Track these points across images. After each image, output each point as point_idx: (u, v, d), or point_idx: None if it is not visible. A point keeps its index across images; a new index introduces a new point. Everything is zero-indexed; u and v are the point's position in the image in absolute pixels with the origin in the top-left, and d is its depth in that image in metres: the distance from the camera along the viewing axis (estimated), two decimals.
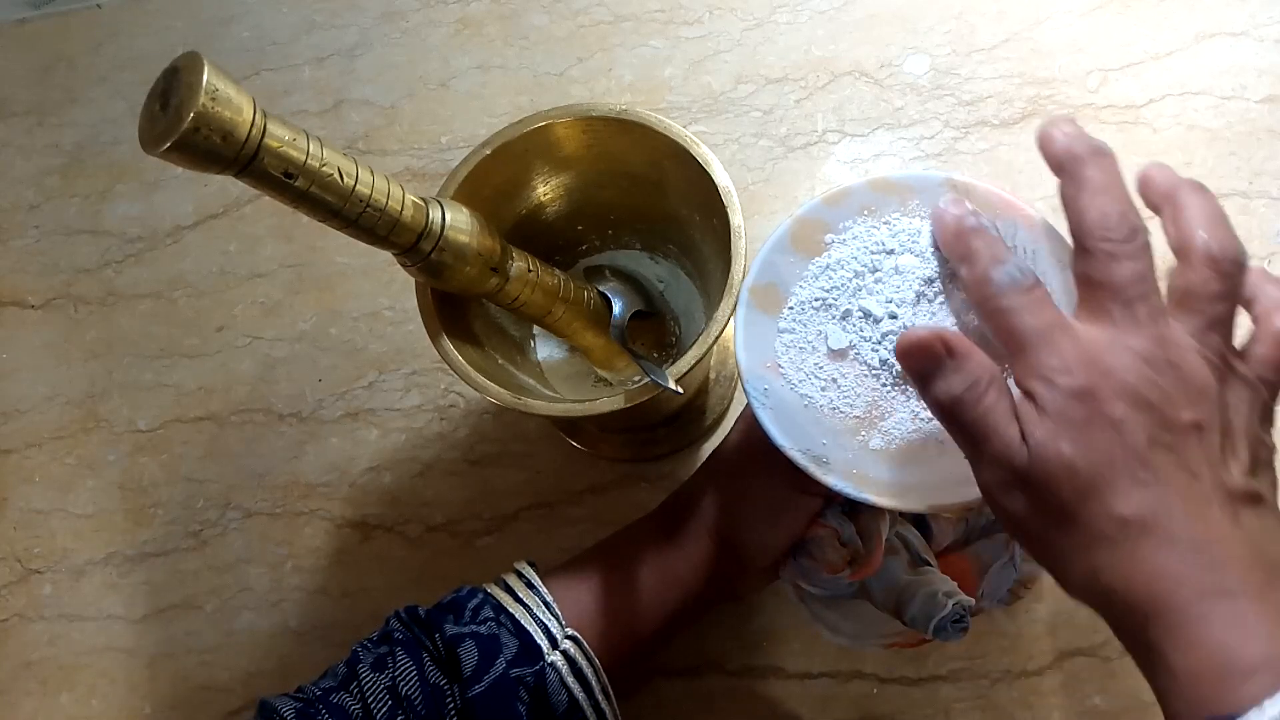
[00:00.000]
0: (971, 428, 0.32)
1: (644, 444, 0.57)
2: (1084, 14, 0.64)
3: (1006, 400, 0.32)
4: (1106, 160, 0.33)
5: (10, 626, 0.58)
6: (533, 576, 0.45)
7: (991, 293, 0.33)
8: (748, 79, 0.65)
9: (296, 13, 0.71)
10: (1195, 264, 0.32)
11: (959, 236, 0.35)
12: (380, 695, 0.40)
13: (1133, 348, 0.31)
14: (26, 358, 0.64)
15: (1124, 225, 0.32)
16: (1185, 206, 0.33)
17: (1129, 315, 0.31)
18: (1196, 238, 0.32)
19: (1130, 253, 0.31)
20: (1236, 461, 0.31)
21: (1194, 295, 0.32)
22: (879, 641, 0.45)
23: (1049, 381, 0.31)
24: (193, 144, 0.30)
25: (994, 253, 0.34)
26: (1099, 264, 0.32)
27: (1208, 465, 0.30)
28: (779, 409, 0.39)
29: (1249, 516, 0.30)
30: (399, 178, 0.51)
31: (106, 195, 0.68)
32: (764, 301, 0.40)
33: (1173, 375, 0.31)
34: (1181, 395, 0.30)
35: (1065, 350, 0.31)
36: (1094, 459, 0.30)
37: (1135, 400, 0.30)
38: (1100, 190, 0.32)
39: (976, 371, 0.32)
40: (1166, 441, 0.30)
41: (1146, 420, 0.30)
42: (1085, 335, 0.32)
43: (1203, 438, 0.30)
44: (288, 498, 0.59)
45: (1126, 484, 0.30)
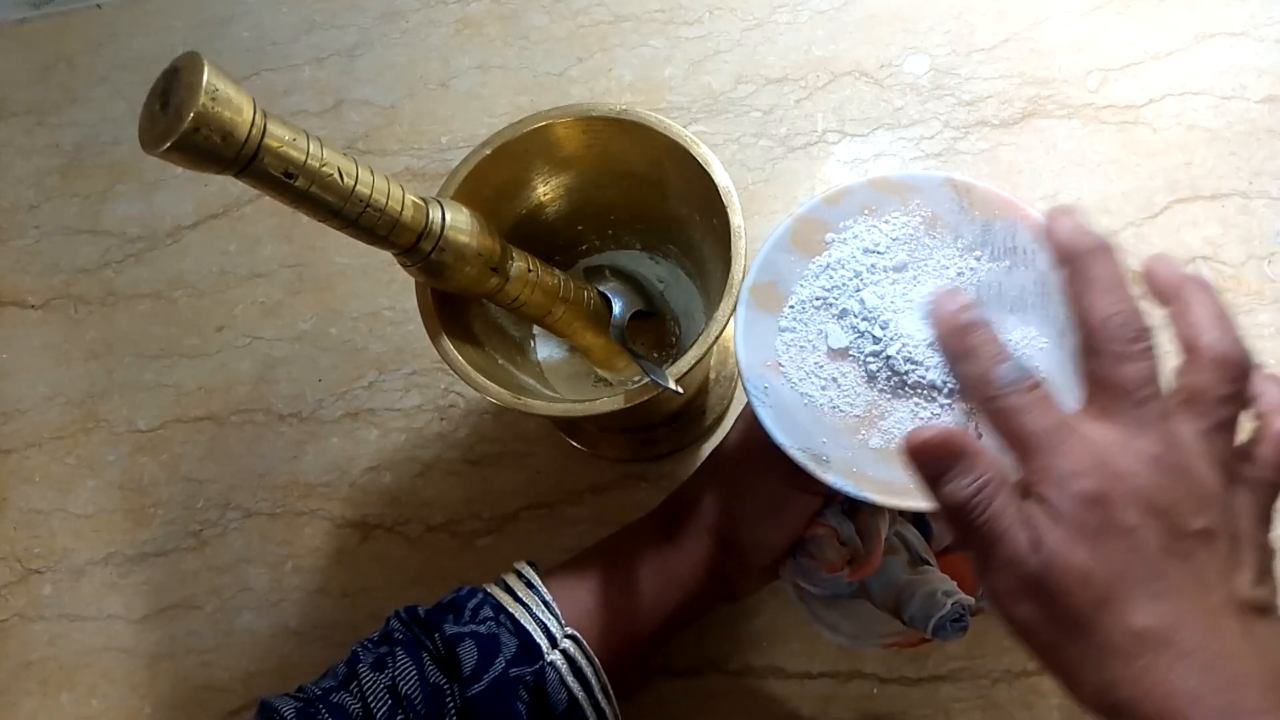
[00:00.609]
0: (981, 531, 0.32)
1: (644, 444, 0.57)
2: (1084, 14, 0.64)
3: (1015, 505, 0.32)
4: (1110, 256, 0.33)
5: (10, 626, 0.58)
6: (532, 576, 0.45)
7: (995, 393, 0.32)
8: (748, 79, 0.65)
9: (296, 13, 0.71)
10: (1203, 366, 0.32)
11: (956, 333, 0.34)
12: (380, 695, 0.40)
13: (1143, 451, 0.31)
14: (26, 358, 0.64)
15: (1131, 325, 0.32)
16: (1192, 304, 0.33)
17: (1138, 416, 0.31)
18: (1204, 337, 0.32)
19: (1138, 354, 0.31)
20: (1244, 571, 0.31)
21: (1201, 397, 0.32)
22: (878, 641, 0.45)
23: (1060, 486, 0.31)
24: (193, 144, 0.30)
25: (994, 350, 0.33)
26: (1107, 364, 0.32)
27: (1218, 575, 0.30)
28: (779, 407, 0.39)
29: (1261, 628, 0.30)
30: (399, 178, 0.51)
31: (106, 195, 0.68)
32: (765, 300, 0.40)
33: (1182, 480, 0.30)
34: (1191, 501, 0.30)
35: (1076, 453, 0.31)
36: (1109, 568, 0.30)
37: (1148, 507, 0.30)
38: (1106, 289, 0.32)
39: (987, 471, 0.32)
40: (1180, 549, 0.30)
41: (1160, 527, 0.30)
42: (1094, 436, 0.31)
43: (1213, 546, 0.30)
44: (288, 498, 0.59)
45: (1142, 595, 0.29)
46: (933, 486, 0.33)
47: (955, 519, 0.33)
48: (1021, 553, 0.31)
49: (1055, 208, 0.35)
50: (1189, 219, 0.59)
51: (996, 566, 0.32)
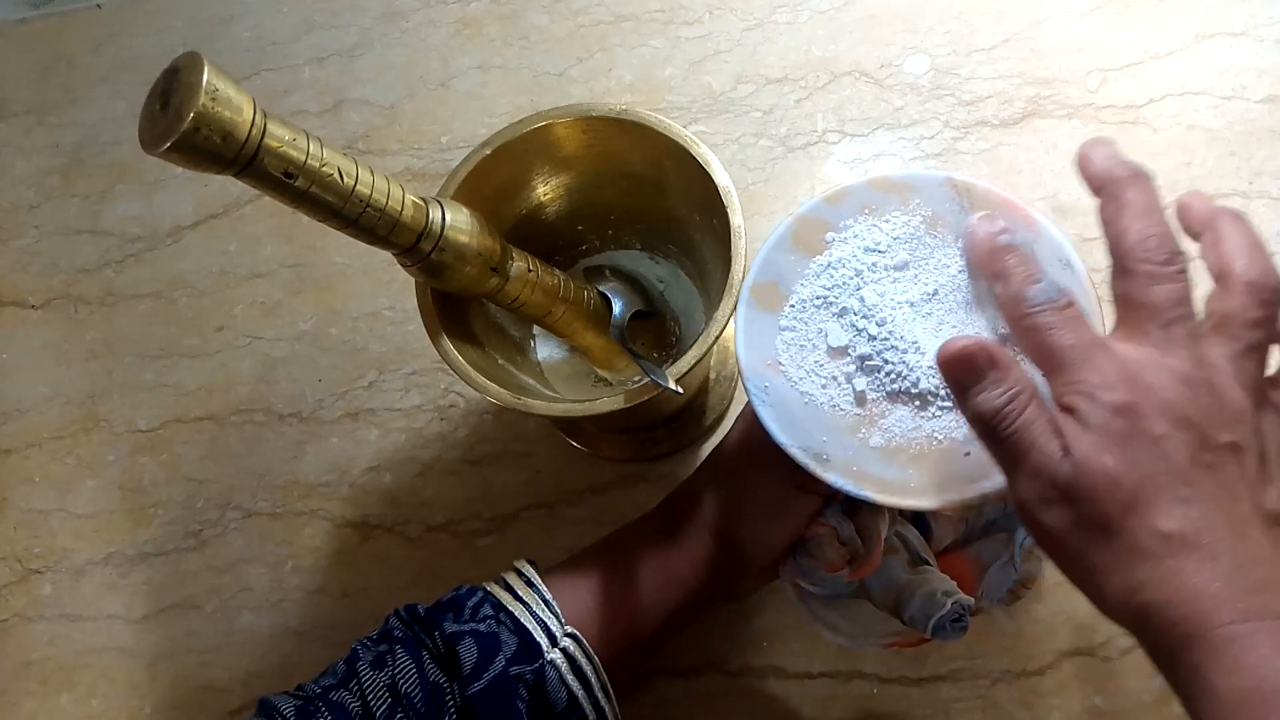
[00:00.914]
0: (1011, 439, 0.32)
1: (644, 444, 0.57)
2: (1084, 14, 0.64)
3: (1047, 414, 0.32)
4: (1146, 183, 0.34)
5: (10, 626, 0.58)
6: (532, 575, 0.45)
7: (1027, 310, 0.33)
8: (748, 79, 0.65)
9: (296, 13, 0.71)
10: (1235, 290, 0.32)
11: (993, 254, 0.35)
12: (380, 693, 0.40)
13: (1172, 367, 0.31)
14: (26, 358, 0.64)
15: (1165, 248, 0.32)
16: (1225, 233, 0.33)
17: (1167, 336, 0.32)
18: (1237, 264, 0.33)
19: (1170, 275, 0.32)
20: (1273, 486, 0.31)
21: (1232, 321, 0.32)
22: (878, 641, 0.45)
23: (1090, 397, 0.31)
24: (193, 144, 0.30)
25: (1028, 270, 0.34)
26: (1139, 284, 0.32)
27: (1246, 487, 0.30)
28: (779, 407, 0.39)
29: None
30: (399, 178, 0.51)
31: (106, 195, 0.68)
32: (765, 300, 0.40)
33: (1211, 397, 0.31)
34: (1220, 417, 0.31)
35: (1105, 367, 0.31)
36: (1138, 473, 0.30)
37: (1176, 418, 0.30)
38: (1141, 213, 0.33)
39: (1019, 383, 0.32)
40: (1207, 460, 0.30)
41: (1188, 438, 0.30)
42: (1124, 353, 0.32)
43: (1241, 460, 0.31)
44: (288, 498, 0.59)
45: (1169, 499, 0.30)
46: (963, 396, 0.33)
47: (985, 429, 0.33)
48: (1051, 460, 0.31)
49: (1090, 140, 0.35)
50: None
51: (1026, 474, 0.32)
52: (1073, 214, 0.59)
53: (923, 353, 0.38)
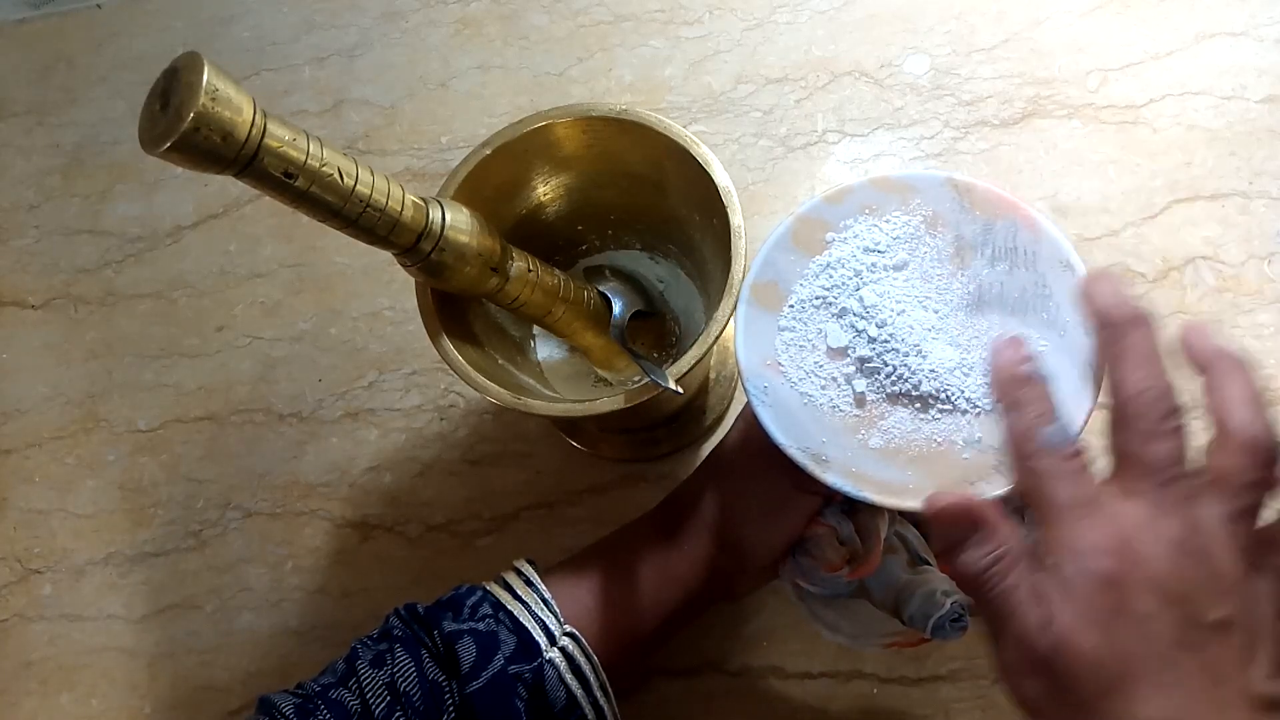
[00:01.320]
0: (995, 604, 0.32)
1: (644, 444, 0.57)
2: (1084, 14, 0.64)
3: (1029, 579, 0.32)
4: (1148, 328, 0.33)
5: (10, 626, 0.58)
6: (531, 574, 0.45)
7: (1033, 450, 0.33)
8: (748, 79, 0.65)
9: (296, 13, 0.71)
10: (1232, 449, 0.31)
11: (1012, 382, 0.35)
12: (379, 691, 0.40)
13: (1165, 534, 0.30)
14: (26, 358, 0.64)
15: (1162, 403, 0.32)
16: (1225, 381, 0.33)
17: (1162, 497, 0.31)
18: (1234, 419, 0.32)
19: (1167, 433, 0.31)
20: (1259, 665, 0.30)
21: (1228, 481, 0.31)
22: (878, 641, 0.45)
23: (1077, 562, 0.31)
24: (193, 144, 0.30)
25: (1042, 408, 0.33)
26: (1136, 440, 0.32)
27: (1232, 668, 0.30)
28: (778, 407, 0.39)
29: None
30: (399, 178, 0.51)
31: (106, 195, 0.68)
32: (765, 299, 0.40)
33: (1204, 566, 0.30)
34: (1210, 589, 0.30)
35: (1097, 529, 0.31)
36: (1119, 655, 0.30)
37: (1165, 594, 0.30)
38: (1142, 362, 0.32)
39: (1005, 543, 0.32)
40: (1194, 640, 0.29)
41: (1175, 617, 0.30)
42: (1117, 513, 0.31)
43: (1229, 637, 0.30)
44: (288, 498, 0.59)
45: (1150, 686, 0.29)
46: (947, 552, 0.33)
47: (969, 589, 0.33)
48: (1032, 630, 0.31)
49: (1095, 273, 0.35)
50: (1189, 219, 0.59)
51: (1007, 641, 0.32)
52: (1072, 214, 0.59)
53: (924, 355, 0.38)
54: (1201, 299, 0.57)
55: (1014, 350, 0.36)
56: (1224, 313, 0.56)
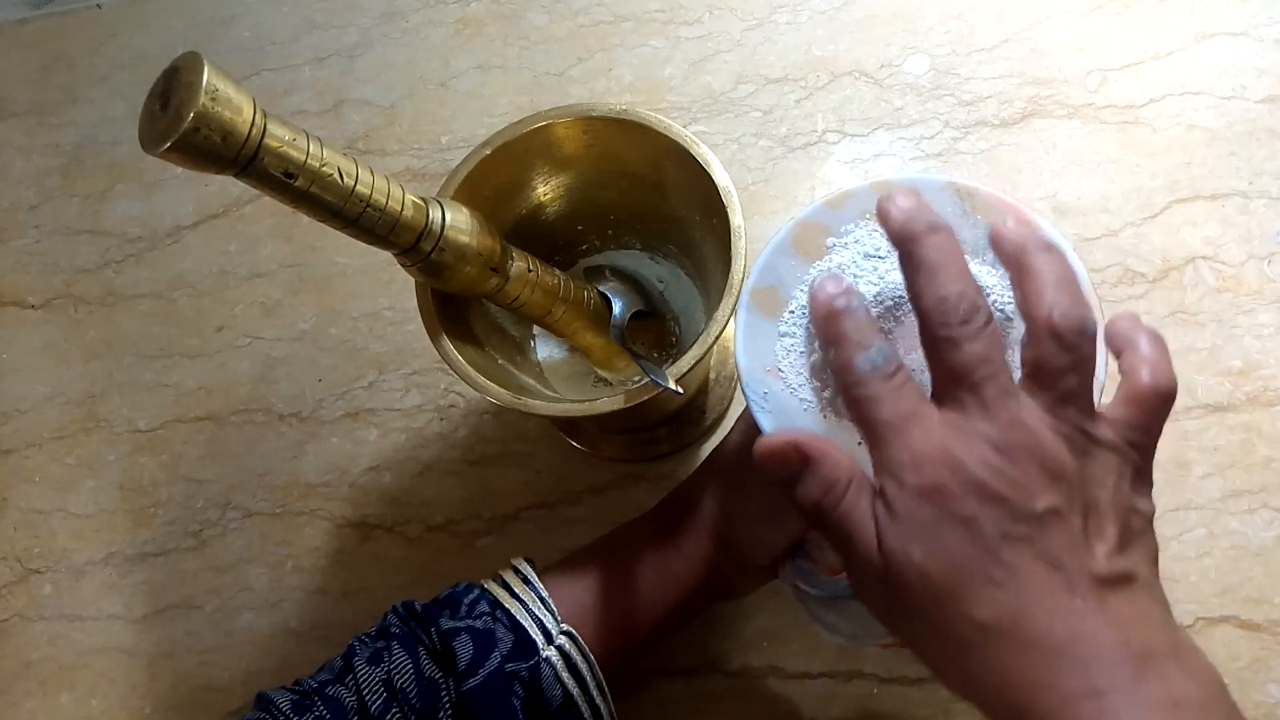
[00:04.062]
0: (834, 533, 0.32)
1: (644, 444, 0.57)
2: (1084, 14, 0.64)
3: (866, 500, 0.32)
4: (940, 236, 0.32)
5: (10, 626, 0.58)
6: (529, 573, 0.45)
7: (852, 379, 0.32)
8: (748, 79, 0.65)
9: (296, 13, 0.71)
10: (1040, 337, 0.31)
11: (829, 319, 0.34)
12: (376, 688, 0.40)
13: (982, 434, 0.30)
14: (26, 358, 0.64)
15: (961, 305, 0.31)
16: (1031, 271, 0.32)
17: (977, 400, 0.30)
18: (1040, 308, 0.31)
19: (969, 334, 0.31)
20: (1102, 542, 0.30)
21: (1042, 370, 0.31)
22: (877, 641, 0.45)
23: (898, 480, 0.31)
24: (193, 144, 0.30)
25: (859, 337, 0.33)
26: (942, 350, 0.31)
27: (1069, 552, 0.29)
28: (778, 413, 0.38)
29: (1118, 601, 0.29)
30: (399, 178, 0.51)
31: (106, 195, 0.68)
32: (765, 305, 0.40)
33: (1025, 459, 0.30)
34: (1036, 481, 0.30)
35: (915, 444, 0.31)
36: (946, 562, 0.29)
37: (985, 494, 0.29)
38: (935, 270, 0.32)
39: (831, 475, 0.32)
40: (1021, 534, 0.29)
41: (998, 514, 0.29)
42: (936, 425, 0.31)
43: (1062, 523, 0.29)
44: (288, 498, 0.59)
45: (981, 586, 0.29)
46: (788, 491, 0.33)
47: (812, 522, 0.33)
48: (868, 551, 0.31)
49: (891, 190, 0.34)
50: (1189, 219, 0.59)
51: (851, 566, 0.32)
52: (1073, 214, 0.59)
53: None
54: (1201, 299, 0.57)
55: (831, 285, 0.34)
56: (1224, 313, 0.56)
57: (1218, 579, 0.52)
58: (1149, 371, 0.32)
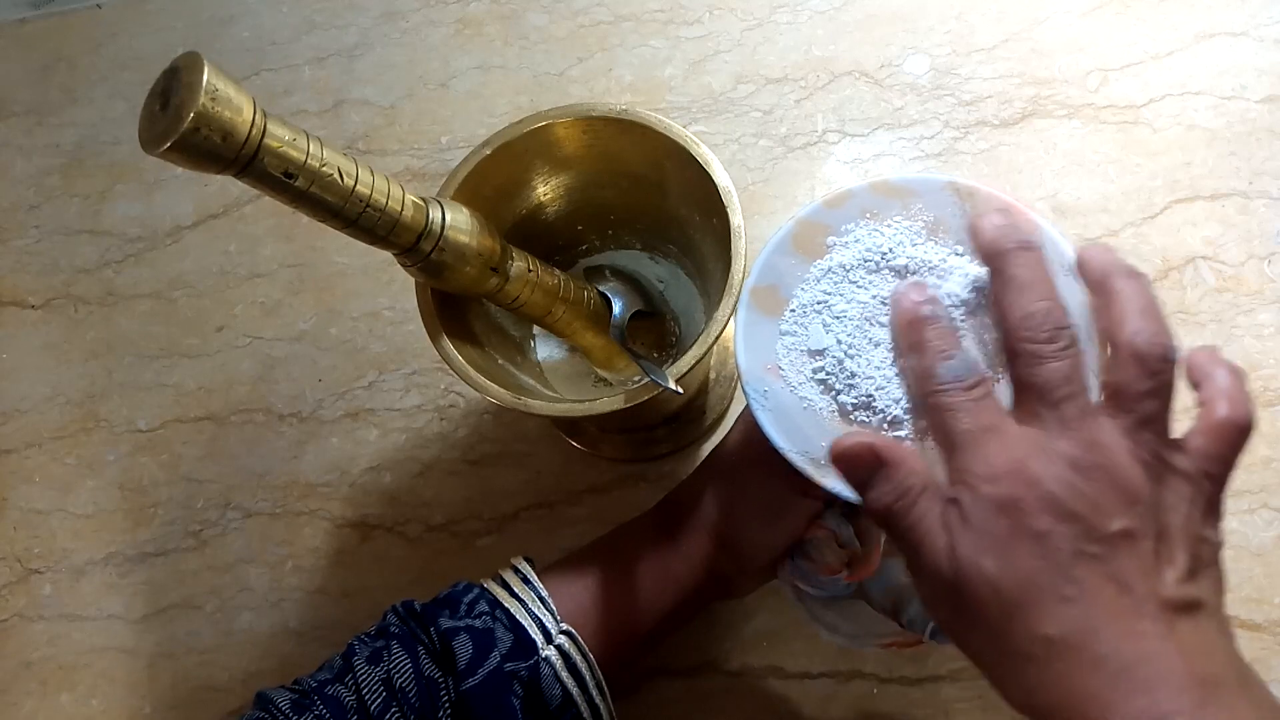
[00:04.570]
0: (904, 538, 0.32)
1: (644, 444, 0.57)
2: (1084, 14, 0.64)
3: (938, 508, 0.32)
4: (1031, 255, 0.33)
5: (10, 626, 0.58)
6: (529, 572, 0.45)
7: (934, 388, 0.33)
8: (748, 79, 0.65)
9: (296, 13, 0.71)
10: (1123, 360, 0.31)
11: (912, 325, 0.35)
12: (375, 687, 0.40)
13: (1061, 452, 0.30)
14: (26, 358, 0.64)
15: (1047, 324, 0.32)
16: (1117, 296, 0.32)
17: (1057, 417, 0.31)
18: (1125, 331, 0.32)
19: (1054, 352, 0.31)
20: (1172, 568, 0.30)
21: (1123, 394, 0.31)
22: (877, 642, 0.45)
23: (974, 490, 0.31)
24: (193, 144, 0.30)
25: (942, 345, 0.33)
26: (1025, 366, 0.32)
27: (1140, 575, 0.29)
28: (778, 411, 0.38)
29: (1185, 628, 0.29)
30: (399, 178, 0.51)
31: (106, 195, 0.68)
32: (765, 303, 0.40)
33: (1102, 480, 0.30)
34: (1111, 502, 0.30)
35: (993, 456, 0.31)
36: (1018, 576, 0.30)
37: (1060, 511, 0.30)
38: (1023, 288, 0.32)
39: (907, 481, 0.32)
40: (1094, 553, 0.29)
41: (1072, 532, 0.30)
42: (1015, 440, 0.31)
43: (1134, 546, 0.30)
44: (288, 498, 0.59)
45: (1051, 602, 0.29)
46: (860, 493, 0.34)
47: (882, 525, 0.33)
48: (939, 560, 0.31)
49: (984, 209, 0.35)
50: (1189, 219, 0.59)
51: (919, 573, 0.32)
52: (1073, 214, 0.59)
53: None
54: (1201, 299, 0.57)
55: (915, 293, 0.35)
56: (1224, 313, 0.56)
57: None
58: (1227, 404, 0.32)
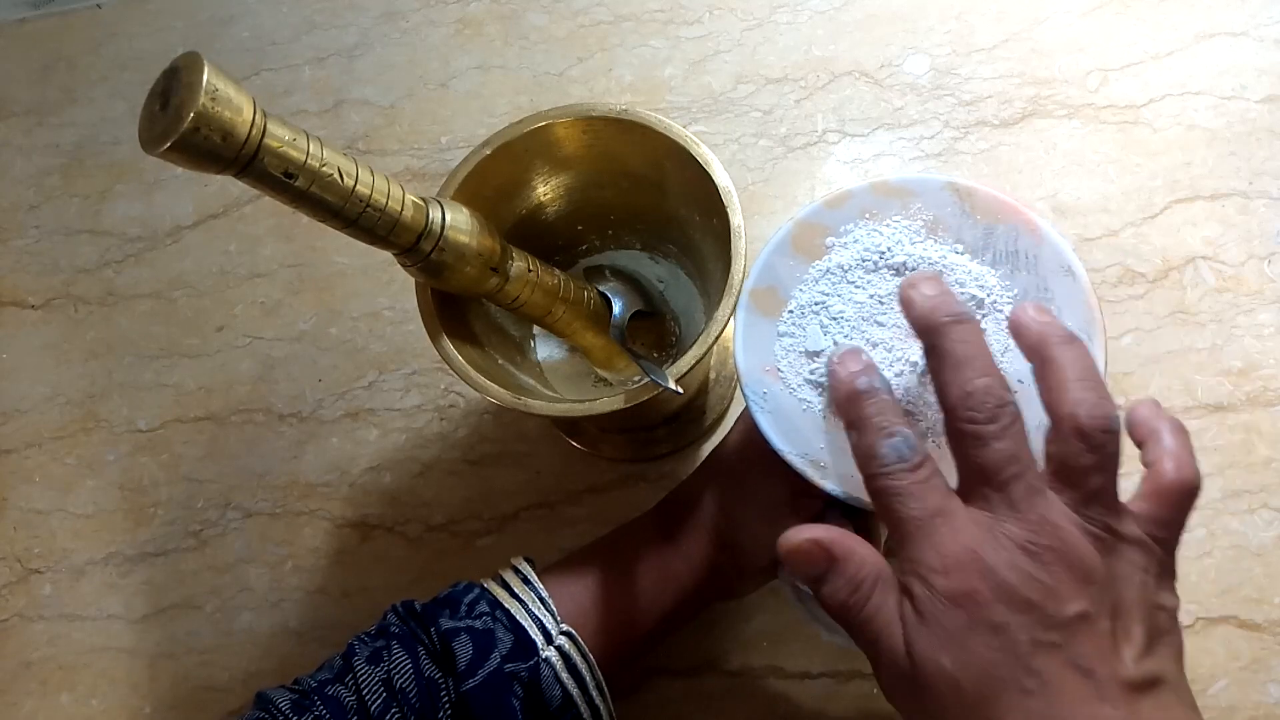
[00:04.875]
0: (859, 633, 0.32)
1: (644, 444, 0.57)
2: (1084, 14, 0.64)
3: (894, 599, 0.31)
4: (967, 327, 0.32)
5: (10, 626, 0.58)
6: (529, 573, 0.45)
7: (876, 470, 0.32)
8: (748, 79, 0.65)
9: (296, 13, 0.71)
10: (1065, 435, 0.30)
11: (850, 400, 0.33)
12: (375, 688, 0.40)
13: (1011, 536, 0.30)
14: (26, 358, 0.64)
15: (988, 401, 0.30)
16: (1054, 364, 0.31)
17: (1004, 499, 0.30)
18: (1064, 405, 0.31)
19: (996, 432, 0.30)
20: (1130, 645, 0.29)
21: (1068, 468, 0.30)
22: None
23: (927, 583, 0.30)
24: (193, 144, 0.30)
25: (882, 423, 0.32)
26: (969, 447, 0.31)
27: (1099, 659, 0.29)
28: (777, 413, 0.39)
29: (1147, 707, 0.29)
30: (399, 178, 0.51)
31: (106, 195, 0.68)
32: (764, 305, 0.40)
33: (1055, 562, 0.29)
34: (1065, 584, 0.29)
35: (943, 545, 0.30)
36: (977, 671, 0.29)
37: (1015, 601, 0.29)
38: (960, 364, 0.31)
39: (858, 575, 0.32)
40: (1052, 641, 0.29)
41: (1029, 621, 0.29)
42: (963, 525, 0.31)
43: (1092, 628, 0.29)
44: (288, 498, 0.59)
45: (1013, 695, 0.29)
46: (814, 589, 0.33)
47: (838, 620, 0.33)
48: (897, 655, 0.31)
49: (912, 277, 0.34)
50: (1189, 219, 0.59)
51: (878, 665, 0.32)
52: (1073, 214, 0.59)
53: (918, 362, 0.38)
54: (1201, 299, 0.57)
55: (850, 363, 0.34)
56: (1224, 313, 0.56)
57: (1218, 579, 0.52)
58: (1173, 465, 0.32)
